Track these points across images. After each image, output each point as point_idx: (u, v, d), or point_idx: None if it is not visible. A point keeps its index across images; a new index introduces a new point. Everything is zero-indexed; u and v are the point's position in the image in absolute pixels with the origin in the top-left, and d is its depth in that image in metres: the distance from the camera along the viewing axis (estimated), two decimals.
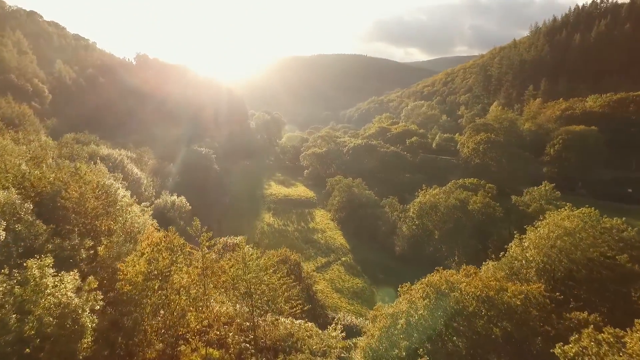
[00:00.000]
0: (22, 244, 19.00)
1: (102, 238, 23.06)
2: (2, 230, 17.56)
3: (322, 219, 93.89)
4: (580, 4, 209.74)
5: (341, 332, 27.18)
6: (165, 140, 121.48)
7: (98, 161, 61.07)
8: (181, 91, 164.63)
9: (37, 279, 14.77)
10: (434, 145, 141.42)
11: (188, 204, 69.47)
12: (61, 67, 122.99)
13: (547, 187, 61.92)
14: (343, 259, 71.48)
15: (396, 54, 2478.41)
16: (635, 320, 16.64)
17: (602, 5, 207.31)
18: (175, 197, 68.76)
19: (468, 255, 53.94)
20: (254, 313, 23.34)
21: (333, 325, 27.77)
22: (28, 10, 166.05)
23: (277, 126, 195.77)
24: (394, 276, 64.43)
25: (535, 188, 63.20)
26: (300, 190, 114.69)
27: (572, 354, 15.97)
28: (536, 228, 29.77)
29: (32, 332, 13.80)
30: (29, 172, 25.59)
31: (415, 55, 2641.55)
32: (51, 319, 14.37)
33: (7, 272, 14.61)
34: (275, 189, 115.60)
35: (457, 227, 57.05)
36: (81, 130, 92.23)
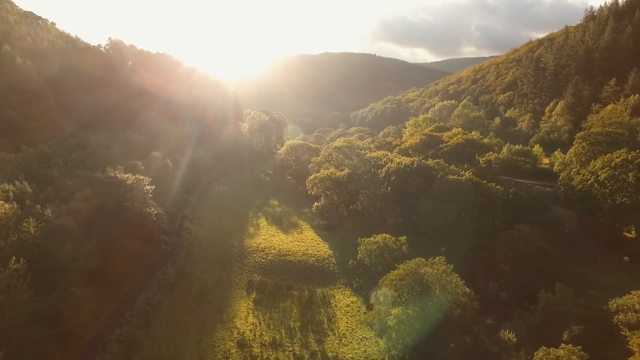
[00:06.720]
0: None
1: None
2: None
3: (349, 319, 45.67)
4: None
5: None
6: (96, 155, 73.64)
7: None
8: (154, 83, 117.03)
9: None
10: None
11: None
12: None
13: None
14: None
15: (402, 54, 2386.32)
16: None
17: None
18: None
19: None
20: None
21: None
22: None
23: (279, 129, 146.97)
24: None
25: None
26: (306, 241, 66.03)
27: None
28: None
29: None
30: None
31: (422, 55, 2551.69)
32: None
33: None
34: (266, 236, 67.15)
35: None
36: None
